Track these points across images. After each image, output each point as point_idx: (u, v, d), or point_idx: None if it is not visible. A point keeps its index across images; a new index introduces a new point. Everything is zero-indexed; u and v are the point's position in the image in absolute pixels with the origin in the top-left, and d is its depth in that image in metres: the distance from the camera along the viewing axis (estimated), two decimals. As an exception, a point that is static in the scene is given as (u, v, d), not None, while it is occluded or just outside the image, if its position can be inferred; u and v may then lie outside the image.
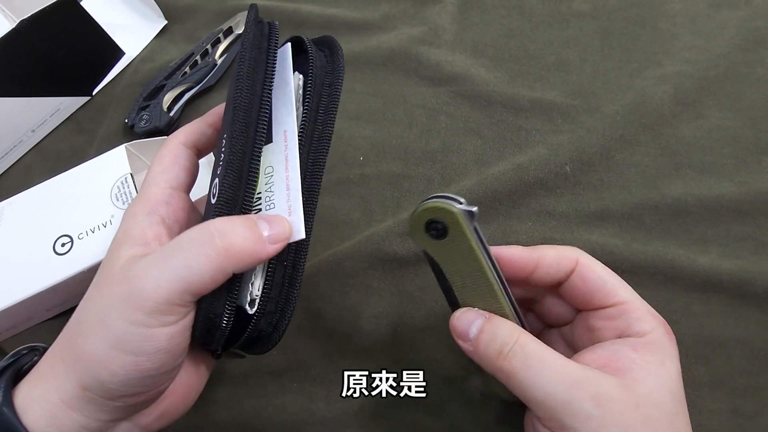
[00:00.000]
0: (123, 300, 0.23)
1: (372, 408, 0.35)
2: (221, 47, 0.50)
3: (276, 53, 0.27)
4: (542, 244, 0.36)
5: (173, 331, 0.23)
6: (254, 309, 0.26)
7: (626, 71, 0.42)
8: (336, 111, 0.28)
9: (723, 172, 0.37)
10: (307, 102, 0.27)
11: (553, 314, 0.31)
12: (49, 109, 0.49)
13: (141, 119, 0.47)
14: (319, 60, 0.28)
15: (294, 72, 0.28)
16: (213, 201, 0.25)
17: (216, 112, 0.31)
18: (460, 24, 0.48)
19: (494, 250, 0.28)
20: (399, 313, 0.37)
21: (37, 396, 0.24)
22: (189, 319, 0.24)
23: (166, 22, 0.55)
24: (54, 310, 0.41)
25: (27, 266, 0.38)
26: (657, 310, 0.34)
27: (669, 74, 0.41)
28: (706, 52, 0.42)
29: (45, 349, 0.26)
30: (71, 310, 0.42)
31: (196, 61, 0.49)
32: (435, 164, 0.42)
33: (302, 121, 0.27)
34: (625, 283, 0.28)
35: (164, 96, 0.48)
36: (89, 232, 0.38)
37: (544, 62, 0.45)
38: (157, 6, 0.55)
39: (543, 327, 0.32)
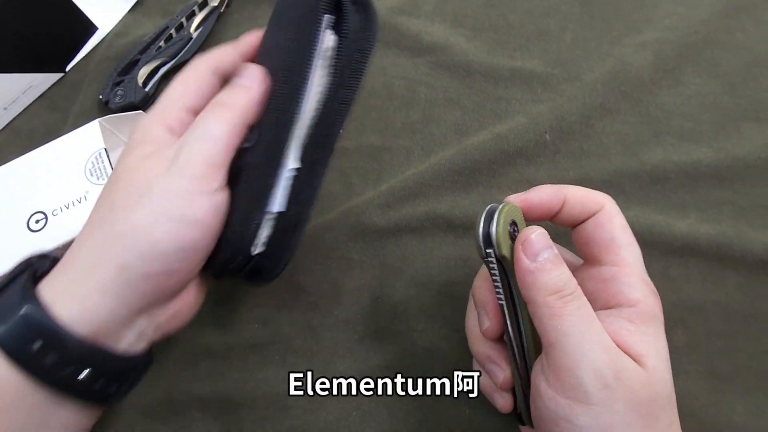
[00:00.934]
0: (168, 172, 0.25)
1: (353, 378, 0.35)
2: (196, 20, 0.49)
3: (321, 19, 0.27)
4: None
5: (210, 202, 0.25)
6: (258, 251, 0.29)
7: (606, 39, 0.42)
8: (362, 77, 0.29)
9: (702, 138, 0.37)
10: (337, 64, 0.28)
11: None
12: (20, 86, 0.48)
13: (116, 95, 0.46)
14: (353, 23, 0.28)
15: (326, 30, 0.28)
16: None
17: (249, 43, 0.30)
18: (439, -6, 0.47)
19: (522, 196, 0.28)
20: (380, 285, 0.37)
21: (64, 287, 0.25)
22: (222, 199, 0.26)
23: (140, -5, 0.54)
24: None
25: (1, 244, 0.37)
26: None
27: (649, 41, 0.41)
28: (686, 19, 0.41)
29: (55, 258, 0.26)
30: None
31: (171, 34, 0.48)
32: (415, 135, 0.42)
33: (330, 82, 0.28)
34: (633, 247, 0.27)
35: (139, 71, 0.47)
36: (63, 208, 0.38)
37: (524, 31, 0.44)
38: (130, -21, 0.53)
39: None
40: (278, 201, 0.28)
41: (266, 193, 0.28)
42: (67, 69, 0.51)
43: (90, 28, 0.52)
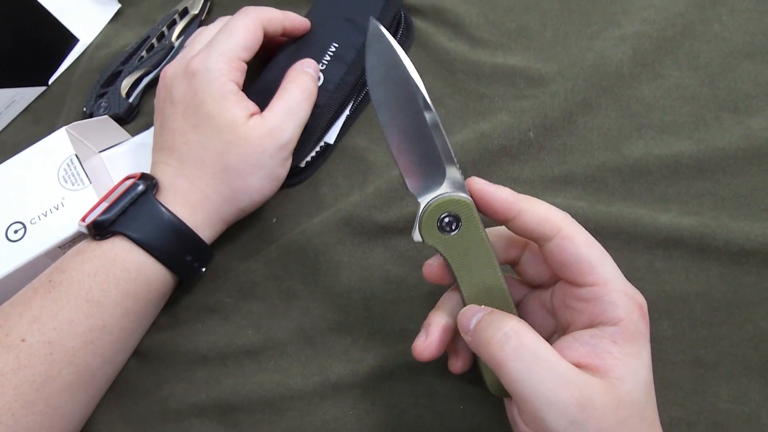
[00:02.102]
0: (274, 147, 0.37)
1: (349, 379, 0.35)
2: (177, 29, 0.49)
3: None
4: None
5: (290, 161, 0.39)
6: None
7: (586, 33, 0.42)
8: None
9: (682, 131, 0.38)
10: None
11: (531, 273, 0.30)
12: (3, 101, 0.48)
13: (99, 107, 0.46)
14: (400, 31, 0.44)
15: None
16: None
17: (296, 25, 0.42)
18: (421, -7, 0.47)
19: (481, 184, 0.28)
20: (370, 287, 0.38)
21: (196, 217, 0.37)
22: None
23: (119, 5, 0.54)
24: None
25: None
26: (621, 269, 0.35)
27: (628, 34, 0.41)
28: (663, 11, 0.42)
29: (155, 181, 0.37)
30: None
31: (153, 44, 0.48)
32: (400, 137, 0.42)
33: None
34: (607, 260, 0.27)
35: (122, 82, 0.47)
36: (41, 216, 0.38)
37: (505, 28, 0.44)
38: (109, -11, 0.53)
39: (526, 293, 0.32)
40: (333, 135, 0.42)
41: (328, 128, 0.41)
42: (50, 82, 0.51)
43: (71, 40, 0.51)
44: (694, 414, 0.32)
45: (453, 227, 0.28)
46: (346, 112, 0.42)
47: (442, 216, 0.27)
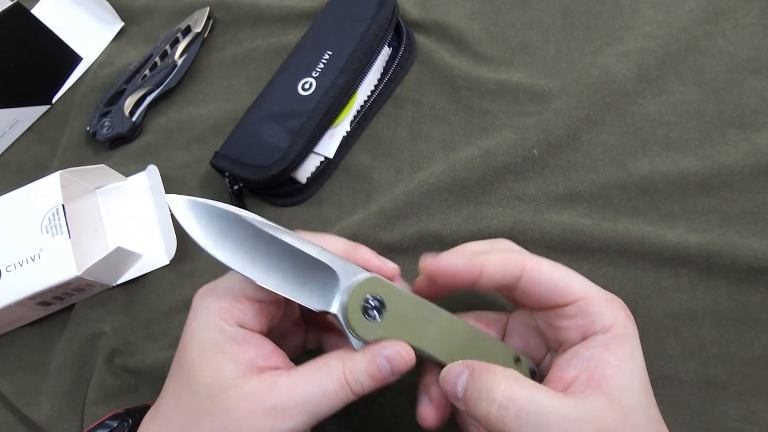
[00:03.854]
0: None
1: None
2: (180, 47, 0.49)
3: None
4: (513, 228, 0.37)
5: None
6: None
7: (589, 49, 0.42)
8: (398, 84, 0.45)
9: (688, 147, 0.38)
10: (387, 66, 0.44)
11: (516, 304, 0.30)
12: (7, 120, 0.48)
13: (103, 126, 0.46)
14: (402, 46, 0.45)
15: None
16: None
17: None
18: (422, 7, 0.47)
19: (434, 261, 0.27)
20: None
21: None
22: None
23: (122, 24, 0.54)
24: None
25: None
26: (627, 288, 0.34)
27: (631, 50, 0.41)
28: (666, 26, 0.41)
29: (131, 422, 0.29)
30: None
31: (156, 62, 0.48)
32: (403, 153, 0.42)
33: (380, 78, 0.44)
34: (576, 275, 0.27)
35: (125, 101, 0.47)
36: (17, 265, 0.38)
37: (508, 44, 0.44)
38: (112, 8, 0.53)
39: (508, 316, 0.31)
40: (332, 149, 0.42)
41: (319, 135, 0.41)
42: (54, 101, 0.51)
43: (74, 59, 0.52)
44: (702, 434, 0.31)
45: (381, 309, 0.26)
46: (346, 127, 0.42)
47: (364, 307, 0.25)
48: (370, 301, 0.26)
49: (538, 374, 0.29)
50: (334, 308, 0.26)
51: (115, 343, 0.39)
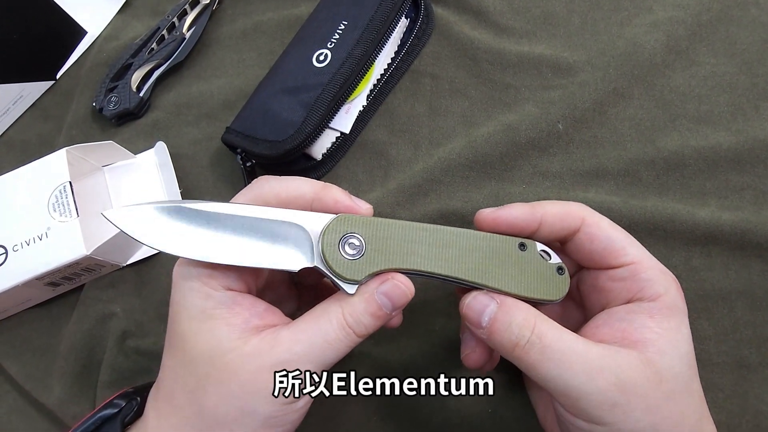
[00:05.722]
0: (266, 390, 0.24)
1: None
2: (188, 19, 0.47)
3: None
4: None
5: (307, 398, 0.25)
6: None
7: (616, 20, 0.41)
8: (415, 58, 0.43)
9: (719, 121, 0.36)
10: (404, 38, 0.43)
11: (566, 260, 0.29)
12: (10, 96, 0.47)
13: (109, 102, 0.44)
14: (419, 17, 0.43)
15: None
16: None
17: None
18: (440, -20, 0.46)
19: (493, 212, 0.26)
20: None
21: None
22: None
23: (128, -5, 0.52)
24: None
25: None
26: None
27: (660, 20, 0.39)
28: (697, -5, 0.40)
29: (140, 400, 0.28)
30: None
31: (163, 36, 0.47)
32: (422, 129, 0.41)
33: (397, 50, 0.43)
34: (633, 239, 0.27)
35: (132, 75, 0.45)
36: (24, 245, 0.37)
37: (530, 15, 0.43)
38: (116, -22, 0.51)
39: None
40: (348, 124, 0.40)
41: (334, 109, 0.39)
42: (58, 76, 0.49)
43: (79, 33, 0.50)
44: (735, 417, 0.31)
45: (360, 246, 0.25)
46: (362, 101, 0.41)
47: (342, 248, 0.24)
48: (348, 240, 0.25)
49: (553, 256, 0.27)
50: (315, 261, 0.25)
51: (126, 324, 0.38)
